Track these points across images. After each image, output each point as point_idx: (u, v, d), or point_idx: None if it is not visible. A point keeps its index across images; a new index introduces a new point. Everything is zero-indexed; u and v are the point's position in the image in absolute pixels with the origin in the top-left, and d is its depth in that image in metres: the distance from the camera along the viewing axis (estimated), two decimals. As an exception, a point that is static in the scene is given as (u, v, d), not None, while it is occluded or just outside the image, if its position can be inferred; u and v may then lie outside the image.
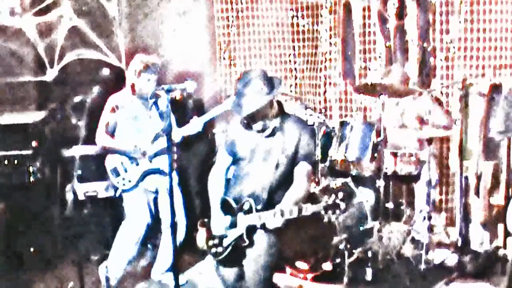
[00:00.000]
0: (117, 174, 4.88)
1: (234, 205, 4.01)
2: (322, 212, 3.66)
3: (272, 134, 4.05)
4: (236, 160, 4.19)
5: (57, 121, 5.99)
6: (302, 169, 4.02)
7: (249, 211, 3.91)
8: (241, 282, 3.99)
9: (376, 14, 6.02)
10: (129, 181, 4.86)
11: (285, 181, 4.02)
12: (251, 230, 3.91)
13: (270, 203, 3.93)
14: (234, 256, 3.97)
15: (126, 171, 4.87)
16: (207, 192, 4.24)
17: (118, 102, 4.87)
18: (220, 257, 4.00)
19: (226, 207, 4.05)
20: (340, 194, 3.65)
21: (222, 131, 5.77)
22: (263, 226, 3.87)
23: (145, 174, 4.88)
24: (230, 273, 4.02)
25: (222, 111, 4.81)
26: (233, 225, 3.97)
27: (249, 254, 3.93)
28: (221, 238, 4.01)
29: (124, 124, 4.87)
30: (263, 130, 4.03)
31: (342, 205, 3.65)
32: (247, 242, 3.89)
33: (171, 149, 3.70)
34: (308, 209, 3.70)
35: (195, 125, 4.86)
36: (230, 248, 3.98)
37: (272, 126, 4.03)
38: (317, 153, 5.29)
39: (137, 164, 4.86)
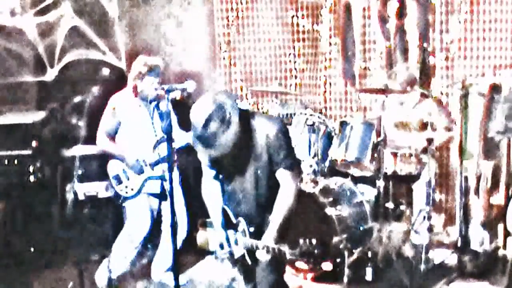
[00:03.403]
0: (119, 181, 4.85)
1: (234, 220, 3.76)
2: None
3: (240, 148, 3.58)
4: (220, 171, 3.87)
5: (57, 121, 5.99)
6: (283, 176, 3.64)
7: (244, 232, 3.68)
8: None
9: (376, 14, 6.02)
10: (132, 189, 4.83)
11: (273, 192, 3.65)
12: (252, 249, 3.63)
13: (263, 220, 3.66)
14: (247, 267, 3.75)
15: (128, 179, 4.84)
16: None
17: (119, 104, 4.85)
18: (236, 267, 3.82)
19: (228, 220, 3.80)
20: (313, 240, 3.08)
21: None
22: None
23: (147, 181, 4.86)
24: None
25: None
26: (236, 242, 3.73)
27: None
28: (231, 253, 3.78)
29: (126, 128, 4.85)
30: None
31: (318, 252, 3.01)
32: (250, 262, 3.66)
33: (171, 149, 3.69)
34: (287, 252, 3.22)
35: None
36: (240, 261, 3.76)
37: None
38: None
39: (139, 173, 4.83)
